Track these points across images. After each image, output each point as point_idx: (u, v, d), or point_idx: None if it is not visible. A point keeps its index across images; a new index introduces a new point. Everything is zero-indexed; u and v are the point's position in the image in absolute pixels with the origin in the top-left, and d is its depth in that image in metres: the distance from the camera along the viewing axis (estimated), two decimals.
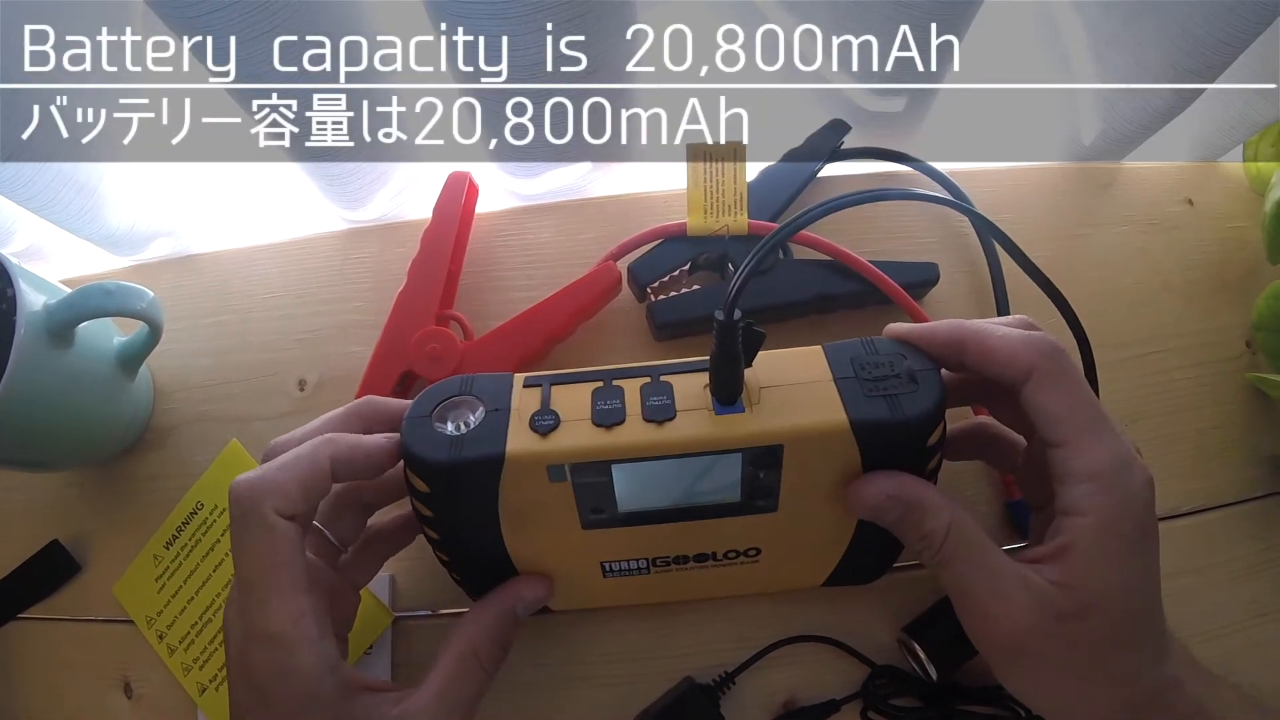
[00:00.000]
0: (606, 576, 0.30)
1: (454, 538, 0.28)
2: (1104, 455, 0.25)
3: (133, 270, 0.43)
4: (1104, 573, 0.25)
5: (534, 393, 0.27)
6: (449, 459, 0.25)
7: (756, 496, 0.27)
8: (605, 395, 0.26)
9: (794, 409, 0.25)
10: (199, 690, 0.36)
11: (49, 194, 0.36)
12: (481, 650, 0.28)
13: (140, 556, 0.38)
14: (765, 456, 0.26)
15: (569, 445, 0.25)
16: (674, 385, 0.26)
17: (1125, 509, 0.25)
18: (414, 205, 0.43)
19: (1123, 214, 0.42)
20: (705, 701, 0.33)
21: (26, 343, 0.31)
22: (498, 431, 0.26)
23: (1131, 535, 0.25)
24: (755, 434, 0.25)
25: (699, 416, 0.25)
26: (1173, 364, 0.39)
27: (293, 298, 0.41)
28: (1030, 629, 0.25)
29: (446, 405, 0.26)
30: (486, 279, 0.40)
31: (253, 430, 0.39)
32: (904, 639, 0.34)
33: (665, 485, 0.27)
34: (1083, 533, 0.25)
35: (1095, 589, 0.25)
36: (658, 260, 0.37)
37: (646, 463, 0.25)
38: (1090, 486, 0.25)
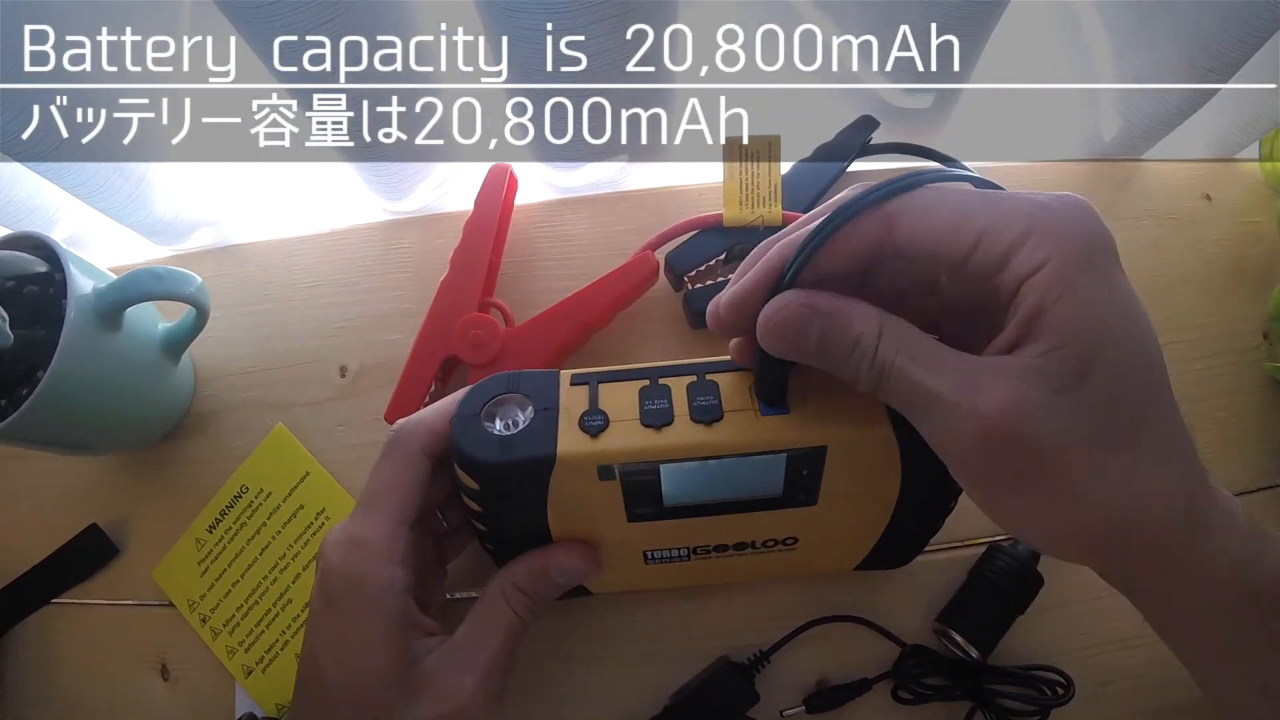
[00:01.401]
0: (648, 563, 0.31)
1: (501, 528, 0.29)
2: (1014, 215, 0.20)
3: (175, 259, 0.44)
4: (1091, 316, 0.20)
5: (581, 391, 0.27)
6: (500, 459, 0.26)
7: (798, 492, 0.27)
8: (652, 395, 0.26)
9: (838, 410, 0.26)
10: (244, 673, 0.37)
11: (99, 180, 0.36)
12: (508, 592, 0.28)
13: (182, 540, 0.38)
14: (809, 457, 0.26)
15: (619, 446, 0.25)
16: (719, 385, 0.26)
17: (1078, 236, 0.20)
18: (454, 197, 0.43)
19: (1142, 209, 0.43)
20: (740, 679, 0.34)
21: (76, 325, 0.32)
22: (548, 431, 0.26)
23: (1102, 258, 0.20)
24: (800, 437, 0.25)
25: (745, 418, 0.26)
26: (1191, 355, 0.40)
27: (334, 286, 0.41)
28: (1025, 413, 0.19)
29: (495, 403, 0.27)
30: (526, 268, 0.40)
31: (293, 416, 0.39)
32: (939, 629, 0.35)
33: (710, 483, 0.27)
34: (1047, 284, 0.20)
35: (1090, 337, 0.19)
36: (694, 250, 0.38)
37: (694, 462, 0.26)
38: (1030, 244, 0.20)
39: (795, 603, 0.35)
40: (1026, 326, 0.20)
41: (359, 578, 0.26)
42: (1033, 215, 0.20)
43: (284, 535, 0.38)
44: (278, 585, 0.38)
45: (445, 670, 0.27)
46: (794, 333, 0.22)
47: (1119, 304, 0.20)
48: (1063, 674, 0.33)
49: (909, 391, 0.21)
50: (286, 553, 0.38)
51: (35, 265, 0.33)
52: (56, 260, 0.33)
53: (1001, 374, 0.20)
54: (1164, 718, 0.35)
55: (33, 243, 0.33)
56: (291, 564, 0.38)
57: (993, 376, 0.20)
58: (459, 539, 0.33)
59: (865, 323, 0.21)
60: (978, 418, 0.20)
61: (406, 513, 0.27)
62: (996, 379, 0.20)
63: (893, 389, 0.21)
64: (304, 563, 0.38)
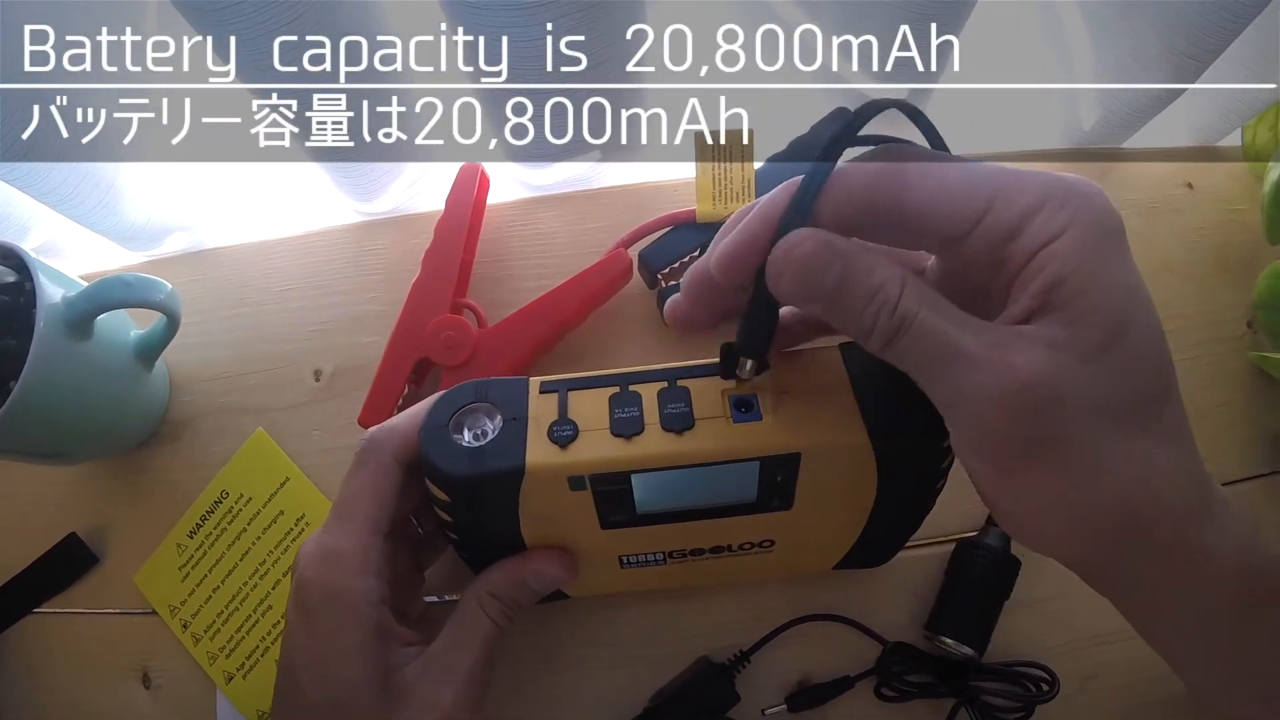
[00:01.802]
0: (624, 567, 0.30)
1: (473, 538, 0.29)
2: (1027, 192, 0.20)
3: (148, 265, 0.44)
4: (1116, 287, 0.19)
5: (550, 399, 0.26)
6: (469, 473, 0.25)
7: (772, 498, 0.27)
8: (623, 402, 0.26)
9: (812, 418, 0.25)
10: (225, 679, 0.37)
11: (67, 188, 0.36)
12: (485, 601, 0.28)
13: (162, 546, 0.38)
14: (783, 464, 0.26)
15: (589, 457, 0.25)
16: (691, 390, 0.26)
17: (1092, 213, 0.19)
18: (426, 197, 0.43)
19: (1124, 198, 0.43)
20: (721, 679, 0.34)
21: (47, 334, 0.31)
22: (516, 442, 0.25)
23: (1116, 236, 0.20)
24: (773, 444, 0.25)
25: (717, 425, 0.25)
26: (1175, 344, 0.38)
27: (307, 290, 0.41)
28: (1059, 375, 0.18)
29: (464, 413, 0.26)
30: (499, 268, 0.40)
31: (269, 420, 0.39)
32: (930, 635, 0.34)
33: (683, 490, 0.27)
34: (1068, 252, 0.19)
35: (1113, 310, 0.19)
36: (668, 247, 0.38)
37: (666, 471, 0.25)
38: (1046, 211, 0.19)
39: (777, 602, 0.35)
40: (1044, 296, 0.19)
41: (334, 590, 0.26)
42: (1048, 183, 0.20)
43: (264, 541, 0.38)
44: (258, 591, 0.38)
45: (424, 681, 0.27)
46: (813, 269, 0.20)
47: (1136, 282, 0.20)
48: (1047, 670, 0.33)
49: (931, 345, 0.20)
50: (266, 558, 0.38)
51: (4, 275, 0.33)
52: (26, 269, 0.33)
53: (1028, 341, 0.19)
54: (1149, 713, 0.34)
55: (1, 252, 0.33)
56: (272, 570, 0.38)
57: (1022, 338, 0.19)
58: (435, 545, 0.33)
59: (888, 270, 0.20)
60: (1010, 374, 0.19)
61: (380, 522, 0.27)
62: (1025, 341, 0.19)
63: (910, 341, 0.20)
64: (284, 568, 0.38)
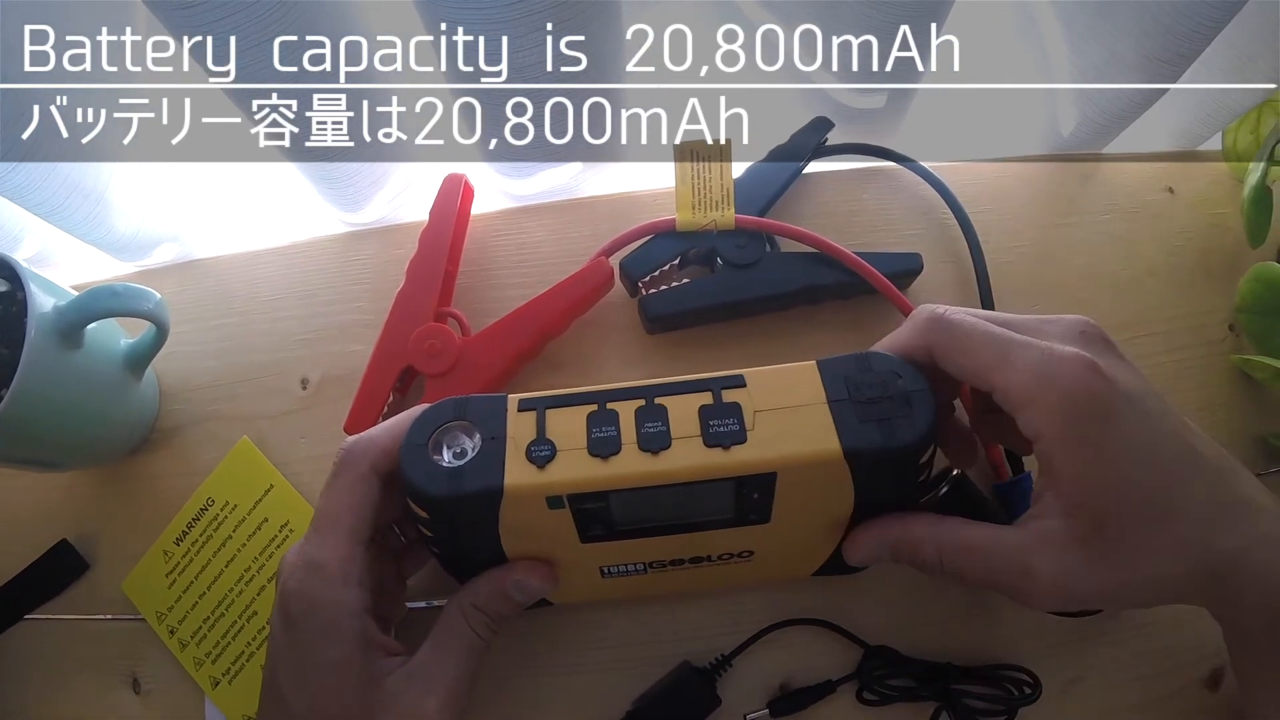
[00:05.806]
0: (605, 577, 0.31)
1: (455, 551, 0.29)
2: (1021, 374, 0.24)
3: (138, 275, 0.44)
4: (1093, 477, 0.24)
5: (529, 417, 0.27)
6: (448, 493, 0.26)
7: (749, 512, 0.27)
8: (600, 421, 0.26)
9: (788, 436, 0.26)
10: (212, 684, 0.37)
11: (57, 200, 0.37)
12: (468, 613, 0.29)
13: (150, 553, 0.39)
14: (759, 483, 0.26)
15: (566, 478, 0.25)
16: (668, 409, 0.26)
17: (1071, 406, 0.24)
18: (411, 208, 0.44)
19: (1105, 204, 0.43)
20: (702, 684, 0.34)
21: (37, 344, 0.32)
22: (495, 462, 0.26)
23: (1095, 420, 0.24)
24: (749, 463, 0.25)
25: (694, 445, 0.26)
26: (1158, 348, 0.40)
27: (294, 299, 0.41)
28: (1068, 576, 0.24)
29: (443, 431, 0.27)
30: (483, 278, 0.41)
31: (256, 428, 0.40)
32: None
33: (661, 507, 0.27)
34: (1052, 454, 0.24)
35: (1098, 495, 0.24)
36: (648, 255, 0.38)
37: (643, 489, 0.26)
38: (1028, 413, 0.24)
39: (758, 607, 0.35)
40: (1047, 487, 0.25)
41: (317, 601, 0.26)
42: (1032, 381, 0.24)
43: (249, 548, 0.38)
44: (243, 597, 0.38)
45: (408, 692, 0.27)
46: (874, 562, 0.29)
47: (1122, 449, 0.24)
48: (1029, 673, 0.33)
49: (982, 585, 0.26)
50: (252, 565, 0.38)
51: None
52: (18, 279, 0.33)
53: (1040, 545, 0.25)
54: (1131, 715, 0.34)
55: None
56: (256, 576, 0.38)
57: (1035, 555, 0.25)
58: (417, 554, 0.33)
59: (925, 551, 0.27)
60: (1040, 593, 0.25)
61: (360, 532, 0.27)
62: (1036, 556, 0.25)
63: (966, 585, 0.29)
64: (268, 575, 0.38)
